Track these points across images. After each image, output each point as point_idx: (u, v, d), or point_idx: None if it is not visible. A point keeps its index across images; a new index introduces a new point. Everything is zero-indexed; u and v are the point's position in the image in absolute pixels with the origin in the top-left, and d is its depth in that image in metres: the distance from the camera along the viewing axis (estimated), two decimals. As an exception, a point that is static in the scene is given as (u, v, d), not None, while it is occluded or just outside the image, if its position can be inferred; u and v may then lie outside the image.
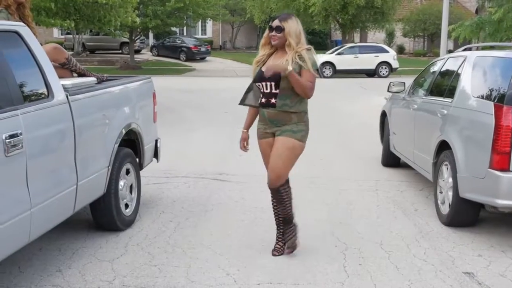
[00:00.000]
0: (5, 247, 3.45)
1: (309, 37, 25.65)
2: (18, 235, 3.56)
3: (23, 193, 3.55)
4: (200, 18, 34.70)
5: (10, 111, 3.48)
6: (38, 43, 4.11)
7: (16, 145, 3.44)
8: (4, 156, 3.34)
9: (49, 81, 4.03)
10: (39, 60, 4.00)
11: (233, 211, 5.90)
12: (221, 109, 14.48)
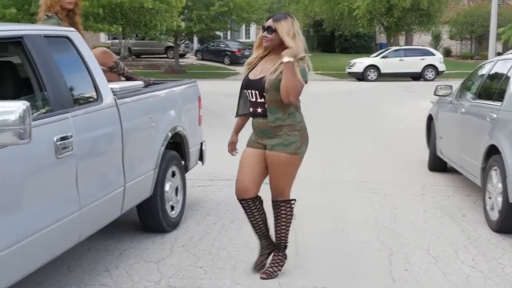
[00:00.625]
0: (56, 247, 3.54)
1: (353, 40, 25.72)
2: (68, 235, 3.64)
3: (73, 194, 3.63)
4: (244, 22, 34.85)
5: (61, 114, 3.56)
6: (88, 47, 4.20)
7: (67, 147, 3.52)
8: (55, 158, 3.43)
9: (98, 84, 4.12)
10: (89, 64, 4.09)
11: (277, 214, 5.88)
12: (265, 113, 14.50)
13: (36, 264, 3.36)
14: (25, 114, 2.72)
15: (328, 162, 8.57)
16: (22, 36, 3.51)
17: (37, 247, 3.28)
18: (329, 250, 4.87)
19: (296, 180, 7.13)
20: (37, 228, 3.25)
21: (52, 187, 3.45)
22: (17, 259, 3.12)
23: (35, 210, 3.26)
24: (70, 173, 3.61)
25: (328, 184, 7.13)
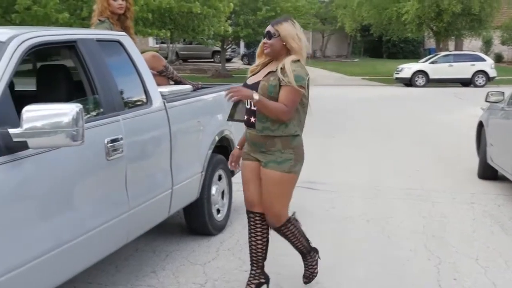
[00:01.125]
0: (105, 247, 3.60)
1: (401, 46, 25.39)
2: (117, 235, 3.71)
3: (122, 195, 3.69)
4: (291, 27, 34.79)
5: (112, 117, 3.63)
6: (138, 51, 4.27)
7: (117, 150, 3.58)
8: (106, 160, 3.49)
9: (148, 88, 4.18)
10: (139, 68, 4.15)
11: (324, 220, 5.86)
12: (311, 118, 14.42)
13: (86, 263, 3.42)
14: (78, 117, 2.78)
15: (375, 168, 8.48)
16: (75, 40, 3.59)
17: (87, 246, 3.35)
18: (376, 257, 4.82)
19: (343, 185, 7.18)
20: (88, 228, 3.32)
21: (103, 188, 3.51)
22: (68, 258, 3.19)
23: (86, 211, 3.33)
24: (120, 175, 3.67)
25: (375, 191, 7.05)
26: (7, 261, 2.73)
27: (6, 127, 2.75)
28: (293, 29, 3.72)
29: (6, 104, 2.84)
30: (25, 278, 2.85)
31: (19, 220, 2.85)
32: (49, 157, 3.02)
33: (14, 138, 2.73)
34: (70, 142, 2.80)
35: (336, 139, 11.29)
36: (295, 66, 3.63)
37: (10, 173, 2.78)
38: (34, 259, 2.90)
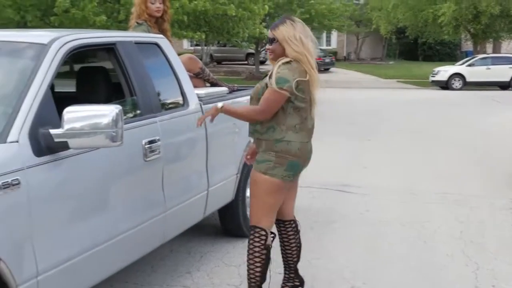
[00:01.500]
0: (142, 247, 3.64)
1: (437, 48, 24.99)
2: (154, 236, 3.74)
3: (159, 196, 3.72)
4: (325, 29, 34.74)
5: (149, 118, 3.67)
6: (176, 54, 4.30)
7: (154, 151, 3.62)
8: (143, 161, 3.53)
9: (185, 90, 4.21)
10: (176, 70, 4.19)
11: (357, 223, 5.82)
12: (344, 120, 14.39)
13: (123, 263, 3.47)
14: (117, 118, 2.83)
15: (411, 171, 8.39)
16: (115, 42, 3.64)
17: (124, 246, 3.39)
18: (412, 261, 4.76)
19: (377, 189, 7.13)
20: (125, 228, 3.36)
21: (140, 189, 3.55)
22: (107, 257, 3.24)
23: (124, 211, 3.38)
24: (157, 176, 3.71)
25: (410, 194, 6.97)
26: (47, 259, 2.78)
27: (47, 127, 2.80)
28: (290, 31, 3.55)
29: (48, 106, 2.89)
30: (64, 276, 2.90)
31: (59, 219, 2.90)
32: (89, 158, 3.07)
33: (55, 138, 2.79)
34: (109, 143, 2.84)
35: (371, 142, 11.21)
36: (283, 68, 3.50)
37: (51, 173, 2.83)
38: (73, 257, 2.95)
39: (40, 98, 2.87)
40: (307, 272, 4.46)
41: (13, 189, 2.59)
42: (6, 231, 2.57)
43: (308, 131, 3.68)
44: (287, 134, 3.56)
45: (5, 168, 2.58)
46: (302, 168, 3.74)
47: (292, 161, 3.60)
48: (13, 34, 3.72)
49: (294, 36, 3.54)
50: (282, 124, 3.55)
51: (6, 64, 3.22)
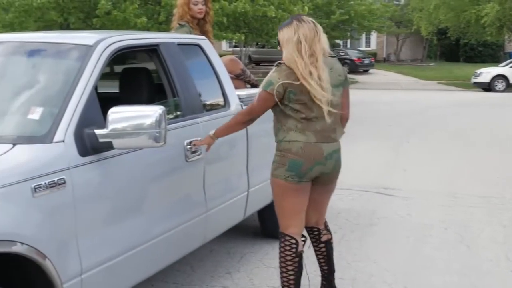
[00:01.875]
0: (183, 247, 3.67)
1: (479, 49, 24.50)
2: (195, 236, 3.77)
3: (200, 197, 3.75)
4: (365, 30, 34.49)
5: (191, 119, 3.70)
6: (217, 55, 4.32)
7: (196, 151, 3.64)
8: (185, 162, 3.56)
9: (226, 91, 4.23)
10: (218, 71, 4.20)
11: (399, 227, 5.75)
12: (383, 122, 14.25)
13: (164, 263, 3.50)
14: (161, 118, 2.85)
15: (452, 175, 8.24)
16: (158, 44, 3.68)
17: (166, 246, 3.42)
18: (454, 266, 4.68)
19: (418, 192, 7.03)
20: (167, 228, 3.39)
21: (182, 189, 3.58)
22: (148, 257, 3.27)
23: (165, 211, 3.41)
24: (198, 176, 3.73)
25: (452, 198, 6.85)
26: (91, 257, 2.81)
27: (93, 128, 2.84)
28: (290, 34, 3.42)
29: (93, 106, 2.93)
30: (107, 275, 2.94)
31: (103, 218, 2.95)
32: (132, 158, 3.11)
33: (100, 138, 2.82)
34: (152, 143, 2.87)
35: (410, 144, 11.07)
36: (273, 71, 3.47)
37: (96, 173, 2.88)
38: (116, 256, 2.99)
39: (85, 98, 2.92)
40: (347, 275, 4.44)
41: (59, 188, 2.64)
42: (51, 229, 2.61)
43: (317, 133, 3.48)
44: (288, 134, 3.47)
45: (51, 167, 2.63)
46: (309, 170, 3.50)
47: (293, 160, 3.46)
48: (59, 36, 3.79)
49: (292, 39, 3.40)
50: (284, 125, 3.49)
51: (52, 65, 3.29)
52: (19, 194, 2.48)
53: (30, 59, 3.37)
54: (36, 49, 3.41)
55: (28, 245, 2.45)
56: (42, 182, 2.56)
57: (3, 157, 2.57)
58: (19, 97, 3.10)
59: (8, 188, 2.43)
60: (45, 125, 2.80)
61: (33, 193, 2.52)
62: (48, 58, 3.33)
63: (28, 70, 3.32)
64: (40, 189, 2.55)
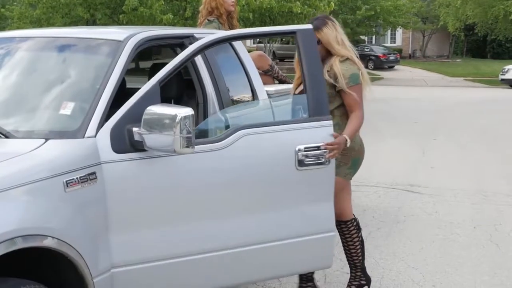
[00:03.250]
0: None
1: (507, 45, 24.16)
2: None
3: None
4: (391, 26, 34.24)
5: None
6: (246, 51, 4.30)
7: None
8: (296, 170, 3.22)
9: (255, 87, 4.20)
10: (247, 67, 4.18)
11: (426, 224, 5.69)
12: (409, 119, 14.11)
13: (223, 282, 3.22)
14: (190, 121, 2.67)
15: (481, 173, 8.13)
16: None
17: (225, 264, 3.15)
18: (484, 265, 4.62)
19: (446, 189, 6.96)
20: (239, 244, 3.15)
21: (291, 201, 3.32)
22: (201, 271, 3.09)
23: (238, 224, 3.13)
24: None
25: (481, 196, 6.77)
26: (123, 255, 2.79)
27: (132, 125, 2.76)
28: (333, 33, 3.63)
29: (124, 102, 2.87)
30: (142, 277, 2.88)
31: (139, 218, 2.85)
32: (167, 160, 2.87)
33: (135, 137, 2.75)
34: (181, 149, 2.67)
35: (437, 141, 10.95)
36: (345, 65, 3.57)
37: (129, 170, 2.78)
38: (152, 261, 2.89)
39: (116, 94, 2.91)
40: (374, 273, 4.40)
41: (90, 183, 2.63)
42: (82, 224, 2.61)
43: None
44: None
45: (82, 162, 2.63)
46: (360, 165, 3.74)
47: (355, 158, 3.61)
48: (89, 31, 3.81)
49: (336, 38, 3.62)
50: (345, 121, 3.55)
51: (83, 61, 3.30)
52: (52, 189, 2.49)
53: (61, 55, 3.38)
54: (66, 44, 3.42)
55: (59, 239, 2.45)
56: (74, 177, 2.56)
57: (35, 152, 2.58)
58: (51, 92, 3.12)
59: (41, 182, 2.44)
60: (76, 120, 2.79)
61: (65, 188, 2.52)
62: (79, 53, 3.35)
63: (59, 65, 3.33)
64: (72, 183, 2.55)
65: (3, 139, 2.73)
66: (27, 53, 3.43)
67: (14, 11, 19.73)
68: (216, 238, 3.05)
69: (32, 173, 2.45)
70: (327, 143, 3.20)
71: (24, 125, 2.91)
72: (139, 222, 2.85)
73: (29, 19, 17.79)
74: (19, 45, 3.49)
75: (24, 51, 3.44)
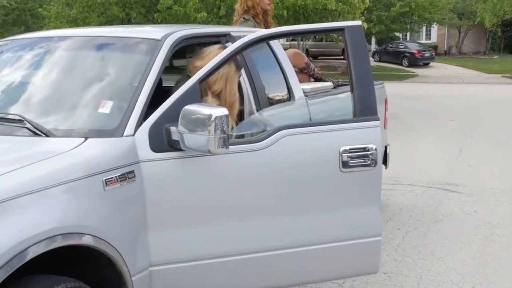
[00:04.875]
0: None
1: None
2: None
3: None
4: (426, 22, 33.78)
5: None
6: (282, 49, 4.27)
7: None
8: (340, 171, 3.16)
9: (291, 85, 4.17)
10: (283, 65, 4.15)
11: (464, 224, 5.60)
12: (446, 117, 13.88)
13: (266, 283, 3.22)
14: (224, 121, 2.63)
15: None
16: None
17: (269, 266, 3.12)
18: (525, 266, 4.53)
19: (484, 188, 6.83)
20: (285, 245, 3.11)
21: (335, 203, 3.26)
22: (232, 272, 3.05)
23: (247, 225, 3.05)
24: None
25: (519, 195, 6.64)
26: (161, 253, 2.80)
27: (170, 124, 2.75)
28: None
29: (162, 101, 2.86)
30: (180, 276, 2.89)
31: (178, 217, 2.84)
32: (206, 161, 2.84)
33: (173, 136, 2.74)
34: (216, 149, 2.64)
35: (474, 139, 10.76)
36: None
37: (168, 169, 2.77)
38: (191, 260, 2.89)
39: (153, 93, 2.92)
40: (412, 273, 4.35)
41: (129, 182, 2.64)
42: (121, 222, 2.62)
43: None
44: None
45: (121, 161, 2.64)
46: None
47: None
48: (126, 30, 3.83)
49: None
50: None
51: (121, 60, 3.32)
52: (91, 187, 2.50)
53: (99, 54, 3.41)
54: (105, 43, 3.45)
55: (98, 238, 2.46)
56: (113, 176, 2.57)
57: (76, 150, 2.59)
58: (90, 90, 3.14)
59: (80, 181, 2.46)
60: (115, 119, 2.80)
61: (104, 187, 2.53)
62: (117, 52, 3.36)
63: (97, 64, 3.35)
64: (111, 182, 2.56)
65: (43, 137, 2.76)
66: (66, 52, 3.46)
67: (51, 10, 20.08)
68: (255, 240, 3.01)
69: (73, 171, 2.46)
70: None
71: (63, 123, 2.93)
72: (177, 221, 2.84)
73: (66, 18, 18.06)
74: (58, 44, 3.53)
75: (63, 50, 3.47)
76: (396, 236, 5.22)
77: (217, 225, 2.93)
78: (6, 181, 2.27)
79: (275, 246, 3.06)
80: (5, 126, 2.86)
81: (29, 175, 2.34)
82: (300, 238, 3.11)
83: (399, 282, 4.20)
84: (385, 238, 5.12)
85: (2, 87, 3.35)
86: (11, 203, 2.20)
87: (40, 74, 3.34)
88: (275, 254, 3.06)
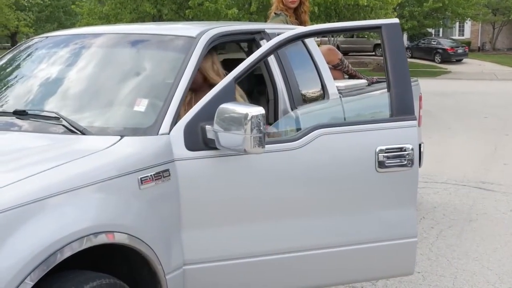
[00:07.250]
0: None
1: None
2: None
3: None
4: (459, 18, 33.26)
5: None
6: (316, 45, 4.23)
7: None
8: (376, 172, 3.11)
9: (325, 82, 4.12)
10: (317, 62, 4.10)
11: (500, 223, 5.50)
12: (480, 114, 13.66)
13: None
14: (261, 121, 2.60)
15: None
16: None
17: (304, 266, 3.09)
18: None
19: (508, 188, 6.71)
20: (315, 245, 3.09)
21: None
22: (267, 272, 3.03)
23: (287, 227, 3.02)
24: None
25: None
26: (195, 252, 2.78)
27: (205, 123, 2.73)
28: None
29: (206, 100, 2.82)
30: (215, 275, 2.88)
31: (212, 216, 2.82)
32: (243, 160, 2.83)
33: (208, 134, 2.72)
34: (251, 148, 2.61)
35: (510, 136, 10.56)
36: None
37: (203, 168, 2.75)
38: (226, 259, 2.87)
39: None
40: (447, 272, 4.29)
41: (164, 180, 2.63)
42: (156, 220, 2.61)
43: None
44: None
45: (156, 159, 2.63)
46: None
47: None
48: (160, 27, 3.83)
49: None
50: None
51: (156, 57, 3.31)
52: (127, 186, 2.50)
53: (134, 51, 3.40)
54: (139, 40, 3.44)
55: (133, 236, 2.46)
56: (148, 174, 2.56)
57: (112, 148, 2.59)
58: (124, 88, 3.14)
59: (117, 179, 2.46)
60: (150, 117, 2.80)
61: (139, 185, 2.53)
62: (152, 49, 3.36)
63: (131, 61, 3.35)
64: (146, 180, 2.55)
65: (79, 135, 2.76)
66: (101, 49, 3.46)
67: (83, 7, 20.30)
68: (289, 240, 2.99)
69: (108, 170, 2.47)
70: None
71: (98, 121, 2.93)
72: (210, 220, 2.83)
73: (98, 15, 18.23)
74: (92, 41, 3.52)
75: (97, 47, 3.47)
76: (430, 235, 5.15)
77: (251, 224, 2.91)
78: (43, 179, 2.27)
79: (309, 246, 3.04)
80: (41, 123, 2.87)
81: (66, 173, 2.35)
82: (334, 238, 3.08)
83: (434, 281, 4.14)
84: (419, 237, 5.00)
85: (38, 83, 3.37)
86: (49, 201, 2.21)
87: (75, 72, 3.34)
88: (309, 254, 3.04)
